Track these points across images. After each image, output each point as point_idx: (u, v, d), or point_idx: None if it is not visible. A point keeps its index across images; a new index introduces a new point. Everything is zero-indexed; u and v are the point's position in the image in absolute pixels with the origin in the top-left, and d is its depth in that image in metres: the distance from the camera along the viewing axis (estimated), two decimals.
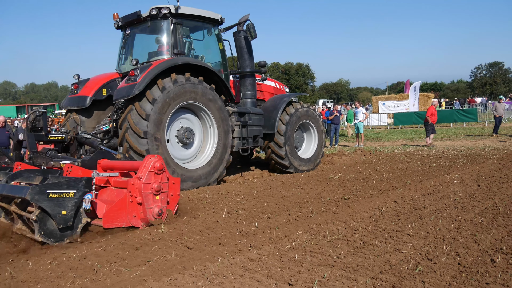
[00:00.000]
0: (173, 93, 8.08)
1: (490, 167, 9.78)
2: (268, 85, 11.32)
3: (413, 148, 15.82)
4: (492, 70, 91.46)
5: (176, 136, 8.59)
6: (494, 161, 10.92)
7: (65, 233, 4.84)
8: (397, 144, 18.70)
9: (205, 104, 8.62)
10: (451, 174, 9.05)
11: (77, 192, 4.85)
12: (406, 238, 4.65)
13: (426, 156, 12.83)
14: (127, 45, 9.49)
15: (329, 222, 5.48)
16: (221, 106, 8.91)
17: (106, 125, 8.84)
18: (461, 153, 13.29)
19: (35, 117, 7.65)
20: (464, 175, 8.83)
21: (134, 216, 5.33)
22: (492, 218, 5.33)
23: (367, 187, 7.97)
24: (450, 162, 11.28)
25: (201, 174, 8.52)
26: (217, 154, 8.87)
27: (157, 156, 5.56)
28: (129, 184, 5.31)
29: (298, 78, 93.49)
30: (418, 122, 29.25)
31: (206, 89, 8.63)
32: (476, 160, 11.38)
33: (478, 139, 18.79)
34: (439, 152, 13.84)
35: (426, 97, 37.17)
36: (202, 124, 8.94)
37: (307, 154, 11.08)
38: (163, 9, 8.59)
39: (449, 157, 12.39)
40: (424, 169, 10.16)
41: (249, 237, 4.98)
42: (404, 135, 23.30)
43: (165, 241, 4.94)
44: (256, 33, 9.79)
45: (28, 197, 4.52)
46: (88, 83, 9.22)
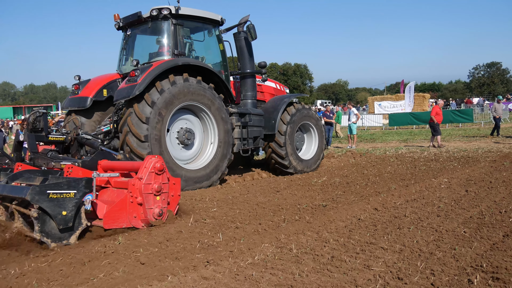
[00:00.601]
0: (172, 94, 8.03)
1: (481, 171, 9.36)
2: (268, 86, 11.25)
3: (406, 150, 15.40)
4: (490, 71, 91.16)
5: (176, 137, 8.54)
6: (486, 164, 10.50)
7: (65, 233, 4.81)
8: (390, 145, 18.28)
9: (205, 105, 8.55)
10: (439, 178, 8.63)
11: (77, 193, 4.84)
12: (379, 252, 4.23)
13: (417, 159, 12.41)
14: (127, 46, 9.47)
15: (300, 232, 5.06)
16: (221, 106, 8.83)
17: (107, 126, 8.78)
18: (453, 155, 12.87)
19: (35, 118, 7.59)
20: (453, 179, 8.41)
21: (135, 216, 5.33)
22: (476, 229, 4.91)
23: (349, 192, 7.55)
24: (441, 165, 10.87)
25: (202, 175, 8.47)
26: (218, 154, 8.79)
27: (158, 157, 5.54)
28: (130, 185, 5.30)
29: (296, 78, 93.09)
30: (413, 123, 28.89)
31: (205, 89, 8.56)
32: (468, 162, 10.97)
33: (472, 141, 18.38)
34: (430, 154, 13.42)
35: (422, 97, 36.80)
36: (203, 124, 8.88)
37: (308, 155, 10.97)
38: (164, 10, 8.56)
39: (440, 159, 11.97)
40: (412, 172, 9.75)
41: (210, 250, 4.56)
42: (398, 136, 22.89)
43: (118, 254, 4.52)
44: (256, 34, 9.75)
45: (28, 197, 4.49)
46: (88, 84, 9.19)
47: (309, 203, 6.72)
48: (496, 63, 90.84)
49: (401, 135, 23.48)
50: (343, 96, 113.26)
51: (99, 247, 4.77)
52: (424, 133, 24.19)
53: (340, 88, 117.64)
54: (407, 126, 29.35)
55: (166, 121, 8.04)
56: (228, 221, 5.77)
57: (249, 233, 5.18)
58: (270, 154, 10.24)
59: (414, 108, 36.44)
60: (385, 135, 24.12)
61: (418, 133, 24.56)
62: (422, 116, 29.25)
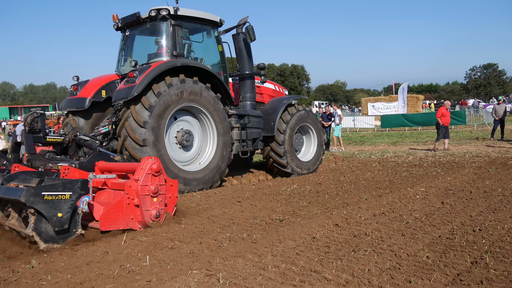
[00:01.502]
0: (169, 97, 7.96)
1: (464, 178, 8.69)
2: (267, 88, 11.19)
3: (392, 154, 14.72)
4: (487, 72, 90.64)
5: (175, 137, 8.48)
6: (471, 170, 9.83)
7: (60, 236, 4.76)
8: (378, 148, 17.62)
9: (202, 106, 8.48)
10: (417, 186, 7.96)
11: (73, 194, 4.77)
12: (320, 285, 3.54)
13: (400, 164, 11.75)
14: (126, 47, 9.42)
15: (240, 255, 4.37)
16: (219, 107, 8.75)
17: (105, 127, 8.72)
18: (439, 160, 12.21)
19: (33, 119, 7.52)
20: (432, 188, 7.74)
21: (132, 218, 5.28)
22: (442, 253, 4.22)
23: (315, 203, 6.87)
24: (424, 171, 10.20)
25: (201, 176, 8.43)
26: (217, 155, 8.73)
27: (154, 158, 5.50)
28: (126, 186, 5.25)
29: (293, 79, 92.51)
30: (406, 125, 28.29)
31: (203, 90, 8.46)
32: (452, 168, 10.31)
33: (463, 144, 17.74)
34: (416, 159, 12.76)
35: (415, 98, 36.23)
36: (201, 126, 8.82)
37: (307, 157, 10.91)
38: (162, 11, 8.51)
39: (424, 164, 11.31)
40: (391, 179, 9.08)
41: (127, 278, 3.86)
42: (388, 139, 22.23)
43: (19, 284, 3.83)
44: (255, 35, 9.75)
45: (23, 199, 4.44)
46: (87, 84, 9.13)
47: (266, 216, 6.04)
48: (492, 64, 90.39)
49: (391, 138, 22.83)
50: (341, 97, 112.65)
51: (3, 272, 4.09)
52: (415, 135, 23.56)
53: (338, 89, 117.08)
54: (399, 128, 28.72)
55: (165, 124, 7.95)
56: (167, 239, 5.08)
57: (182, 255, 4.49)
58: (268, 152, 10.16)
59: (408, 109, 35.86)
60: (375, 138, 23.46)
61: (409, 135, 23.91)
62: (414, 118, 28.68)
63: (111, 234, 5.28)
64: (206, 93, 8.50)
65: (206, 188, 8.47)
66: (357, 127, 31.10)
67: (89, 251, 4.72)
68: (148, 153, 7.55)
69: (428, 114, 30.97)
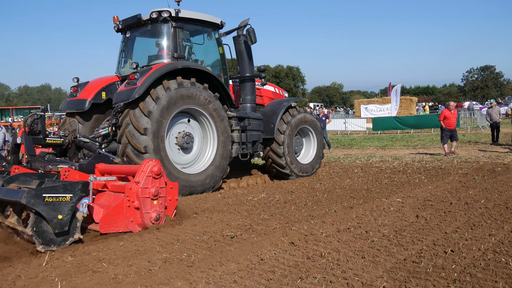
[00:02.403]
0: (168, 101, 7.87)
1: (446, 187, 8.07)
2: (267, 90, 11.15)
3: (378, 159, 14.09)
4: (484, 74, 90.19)
5: (176, 139, 8.42)
6: (456, 177, 9.21)
7: (60, 238, 4.73)
8: (366, 152, 16.99)
9: (201, 106, 8.39)
10: (394, 196, 7.33)
11: (73, 196, 4.76)
12: None
13: (383, 170, 11.13)
14: (127, 48, 9.37)
15: (166, 282, 3.73)
16: (219, 109, 8.69)
17: (105, 129, 8.66)
18: (425, 165, 11.59)
19: (33, 120, 7.51)
20: (409, 198, 7.11)
21: (132, 221, 5.27)
22: (402, 282, 3.59)
23: (277, 216, 6.23)
24: (407, 178, 9.58)
25: (201, 179, 8.37)
26: (217, 158, 8.67)
27: (155, 161, 5.49)
28: (127, 189, 5.23)
29: (288, 81, 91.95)
30: (398, 128, 27.71)
31: (201, 91, 8.37)
32: (437, 175, 9.69)
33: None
34: (401, 164, 12.13)
35: (409, 100, 35.61)
36: (201, 128, 8.75)
37: (306, 159, 10.83)
38: (164, 13, 8.47)
39: (408, 170, 10.69)
40: (369, 188, 8.45)
41: None
42: (378, 142, 21.61)
43: None
44: (256, 37, 9.68)
45: (24, 200, 4.43)
46: (87, 86, 9.06)
47: (217, 232, 5.38)
48: (490, 66, 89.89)
49: (381, 141, 22.21)
50: (337, 99, 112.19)
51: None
52: (406, 139, 22.97)
53: (334, 91, 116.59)
54: (391, 131, 28.13)
55: (165, 128, 7.87)
56: (95, 260, 4.43)
57: (104, 280, 3.85)
58: (268, 153, 10.10)
59: (401, 112, 35.29)
60: (365, 141, 22.84)
61: (400, 138, 23.30)
62: (407, 121, 28.11)
63: (36, 254, 4.65)
64: (205, 95, 8.41)
65: (207, 190, 8.46)
66: (348, 130, 30.47)
67: (2, 274, 4.08)
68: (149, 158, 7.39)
69: (422, 116, 30.44)
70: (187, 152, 8.63)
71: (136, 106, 7.66)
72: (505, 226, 5.14)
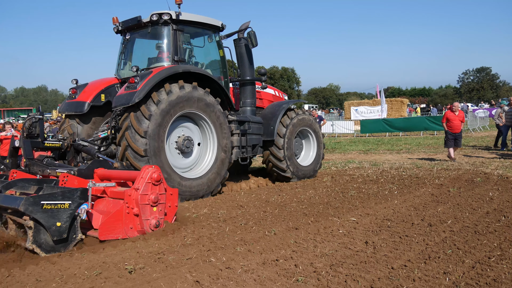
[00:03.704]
0: (169, 104, 7.75)
1: (414, 201, 7.10)
2: (267, 93, 11.02)
3: (356, 165, 13.11)
4: (480, 76, 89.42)
5: (175, 144, 8.30)
6: (429, 189, 8.24)
7: (59, 245, 4.70)
8: (347, 157, 16.01)
9: (201, 110, 8.28)
10: (350, 214, 6.36)
11: (72, 203, 4.74)
12: None
13: (355, 178, 10.15)
14: (126, 50, 9.23)
15: None
16: (219, 112, 8.58)
17: (104, 132, 8.48)
18: (402, 173, 10.62)
19: (31, 123, 7.38)
20: (367, 216, 6.13)
21: (131, 227, 5.22)
22: None
23: (204, 239, 5.24)
24: (377, 188, 8.61)
25: (201, 183, 8.23)
26: (217, 162, 8.55)
27: (155, 167, 5.43)
28: (126, 195, 5.17)
29: (283, 82, 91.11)
30: (387, 130, 26.77)
31: (202, 95, 8.26)
32: (410, 186, 8.71)
33: (439, 152, 16.16)
34: (377, 171, 11.15)
35: (400, 102, 34.68)
36: (201, 132, 8.66)
37: (306, 162, 10.72)
38: (164, 15, 8.34)
39: (381, 180, 9.71)
40: (329, 202, 7.47)
41: None
42: (362, 146, 20.62)
43: None
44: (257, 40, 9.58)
45: (22, 208, 4.40)
46: (86, 88, 8.88)
47: (118, 263, 4.37)
48: (485, 68, 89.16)
49: (366, 145, 21.22)
50: (334, 100, 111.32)
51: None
52: (393, 142, 22.01)
53: (330, 92, 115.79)
54: (380, 134, 27.17)
55: (165, 132, 7.76)
56: None
57: None
58: (268, 157, 10.02)
59: (392, 114, 34.37)
60: (349, 144, 21.83)
61: (387, 142, 22.32)
62: (396, 123, 27.18)
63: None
64: (206, 99, 8.32)
65: (206, 195, 8.30)
66: (336, 133, 29.50)
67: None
68: (149, 162, 7.39)
69: (411, 119, 29.48)
70: (186, 156, 8.50)
71: (137, 109, 7.52)
72: (467, 260, 4.16)
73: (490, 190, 7.77)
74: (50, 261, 4.43)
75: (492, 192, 7.55)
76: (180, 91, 7.93)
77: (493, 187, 8.09)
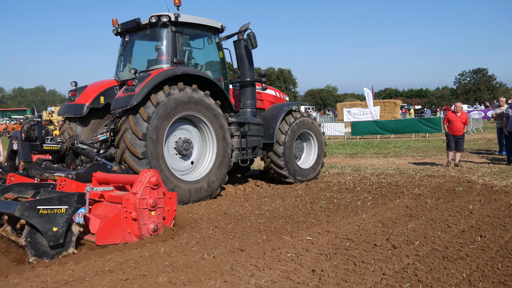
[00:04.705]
0: (168, 106, 7.68)
1: (385, 215, 6.36)
2: (268, 94, 10.89)
3: (337, 170, 12.36)
4: (476, 77, 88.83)
5: (174, 146, 8.22)
6: (404, 200, 7.51)
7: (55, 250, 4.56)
8: (331, 161, 15.25)
9: (202, 114, 8.22)
10: (310, 230, 5.63)
11: (69, 208, 4.62)
12: None
13: (330, 186, 9.42)
14: (125, 52, 9.16)
15: None
16: (219, 115, 8.49)
17: (103, 135, 8.49)
18: (382, 180, 9.88)
19: (30, 126, 7.31)
20: (327, 235, 5.39)
21: (129, 232, 5.14)
22: None
23: (128, 264, 4.47)
24: (350, 198, 7.89)
25: (200, 186, 8.15)
26: (216, 164, 8.46)
27: (153, 171, 5.36)
28: (124, 199, 5.11)
29: (279, 83, 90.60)
30: (378, 132, 26.03)
31: (202, 98, 8.18)
32: (386, 196, 7.99)
33: (427, 156, 15.43)
34: (355, 179, 10.39)
35: (393, 104, 33.99)
36: (201, 134, 8.58)
37: (307, 164, 10.53)
38: (163, 17, 8.26)
39: (358, 188, 8.97)
40: (292, 215, 6.74)
41: None
42: (350, 149, 19.87)
43: None
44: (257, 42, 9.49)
45: (17, 213, 4.31)
46: (85, 90, 8.84)
47: None
48: (482, 69, 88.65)
49: (354, 148, 20.49)
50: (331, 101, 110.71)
51: None
52: (382, 145, 21.28)
53: (328, 94, 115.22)
54: (371, 136, 26.45)
55: (163, 134, 7.67)
56: None
57: None
58: (269, 164, 9.92)
59: (385, 115, 33.69)
60: (337, 147, 21.10)
61: (376, 145, 21.57)
62: (388, 125, 26.49)
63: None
64: (205, 101, 8.23)
65: (205, 198, 8.20)
66: (326, 135, 28.74)
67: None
68: (147, 165, 7.33)
69: (403, 121, 28.78)
70: (185, 158, 8.40)
71: (136, 112, 7.41)
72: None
73: (471, 202, 7.03)
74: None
75: (473, 205, 6.81)
76: (179, 93, 7.84)
77: (475, 198, 7.35)
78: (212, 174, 8.37)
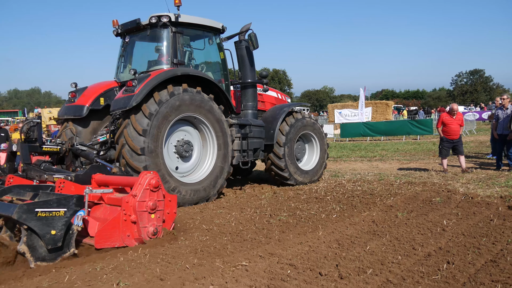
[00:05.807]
0: (170, 106, 7.67)
1: (345, 233, 5.55)
2: (269, 96, 10.76)
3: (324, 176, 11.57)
4: (473, 78, 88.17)
5: (174, 148, 8.17)
6: (374, 212, 6.70)
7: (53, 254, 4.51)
8: None
9: (204, 116, 8.19)
10: (254, 251, 4.83)
11: (67, 211, 4.57)
12: None
13: (299, 195, 8.63)
14: (126, 53, 9.12)
15: None
16: (221, 118, 8.44)
17: (103, 136, 8.44)
18: (358, 188, 9.06)
19: (29, 128, 7.28)
20: (269, 258, 4.58)
21: (128, 235, 5.06)
22: None
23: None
24: (315, 210, 7.14)
25: (200, 188, 8.06)
26: (217, 167, 8.38)
27: (153, 173, 5.27)
28: (123, 202, 5.04)
29: (274, 84, 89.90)
30: (368, 134, 25.24)
31: (205, 101, 8.16)
32: (356, 207, 7.21)
33: (413, 160, 14.63)
34: (329, 186, 9.56)
35: (385, 105, 33.22)
36: (201, 136, 8.53)
37: (309, 166, 10.40)
38: (163, 18, 8.22)
39: (328, 197, 8.18)
40: (243, 231, 5.97)
41: None
42: (335, 152, 19.07)
43: None
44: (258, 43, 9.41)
45: (15, 216, 4.25)
46: (85, 91, 8.79)
47: None
48: (479, 70, 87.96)
49: (340, 150, 19.72)
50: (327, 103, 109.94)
51: None
52: (370, 148, 20.51)
53: (324, 95, 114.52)
54: (361, 138, 25.67)
55: (164, 133, 7.67)
56: None
57: None
58: (269, 166, 9.80)
59: (376, 117, 32.91)
60: None
61: (364, 148, 20.80)
62: (378, 127, 25.71)
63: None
64: (208, 104, 8.18)
65: (202, 202, 8.10)
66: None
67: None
68: (145, 162, 7.29)
69: (393, 122, 28.01)
70: (185, 160, 8.33)
71: (137, 110, 7.36)
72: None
73: (447, 216, 6.21)
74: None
75: (448, 219, 6.00)
76: (183, 94, 7.79)
77: (452, 211, 6.53)
78: (211, 177, 8.24)
